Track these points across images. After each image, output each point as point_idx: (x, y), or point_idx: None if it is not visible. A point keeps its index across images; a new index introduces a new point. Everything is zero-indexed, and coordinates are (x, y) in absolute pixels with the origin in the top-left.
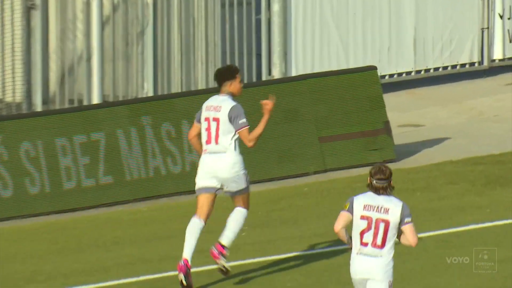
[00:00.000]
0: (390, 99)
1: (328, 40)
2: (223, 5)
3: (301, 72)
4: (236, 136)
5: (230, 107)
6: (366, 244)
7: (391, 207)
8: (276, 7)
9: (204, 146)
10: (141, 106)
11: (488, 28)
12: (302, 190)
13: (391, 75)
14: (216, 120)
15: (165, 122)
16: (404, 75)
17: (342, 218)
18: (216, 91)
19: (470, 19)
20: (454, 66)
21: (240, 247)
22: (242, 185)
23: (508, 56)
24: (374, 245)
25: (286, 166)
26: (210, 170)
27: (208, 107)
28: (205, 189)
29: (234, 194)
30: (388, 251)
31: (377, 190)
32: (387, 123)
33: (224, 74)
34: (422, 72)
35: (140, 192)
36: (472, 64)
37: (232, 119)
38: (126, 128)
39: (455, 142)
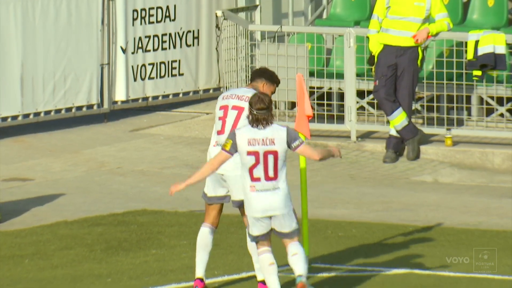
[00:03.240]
0: None
1: None
2: None
3: None
4: None
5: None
6: (258, 179)
7: (276, 136)
8: None
9: (215, 138)
10: None
11: (109, 64)
12: None
13: None
14: (237, 108)
15: None
16: (9, 119)
17: (219, 159)
18: None
19: (87, 53)
20: (68, 110)
21: None
22: None
23: (132, 97)
24: (267, 178)
25: None
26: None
27: (228, 96)
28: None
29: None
30: (283, 181)
31: (258, 121)
32: None
33: (270, 75)
34: (31, 117)
35: None
36: (90, 106)
37: None
38: None
39: (70, 199)
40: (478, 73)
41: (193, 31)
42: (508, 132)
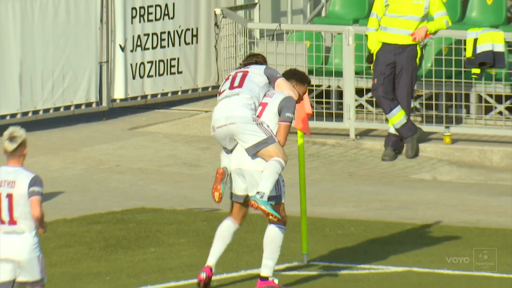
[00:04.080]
0: None
1: None
2: None
3: None
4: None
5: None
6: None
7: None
8: None
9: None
10: None
11: (107, 62)
12: None
13: None
14: (261, 104)
15: None
16: (8, 118)
17: None
18: None
19: (86, 51)
20: (67, 108)
21: None
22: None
23: (131, 95)
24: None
25: None
26: None
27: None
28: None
29: None
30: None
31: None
32: None
33: (301, 76)
34: (30, 115)
35: None
36: (89, 105)
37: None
38: None
39: (69, 197)
40: (477, 71)
41: (192, 29)
42: (506, 130)
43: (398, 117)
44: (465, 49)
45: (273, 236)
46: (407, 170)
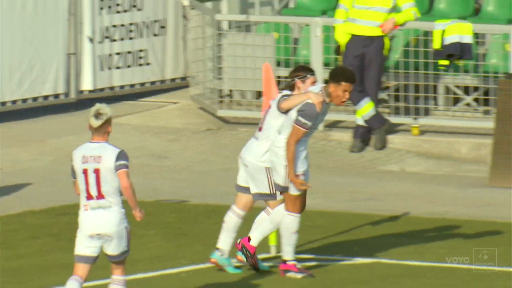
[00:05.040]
0: None
1: None
2: None
3: None
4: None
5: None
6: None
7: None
8: None
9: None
10: None
11: (75, 53)
12: None
13: None
14: None
15: None
16: None
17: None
18: None
19: (54, 42)
20: (35, 99)
21: None
22: None
23: (99, 86)
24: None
25: None
26: None
27: None
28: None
29: None
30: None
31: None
32: None
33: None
34: None
35: None
36: (57, 96)
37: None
38: None
39: (37, 188)
40: (445, 62)
41: (160, 20)
42: (474, 122)
43: (366, 108)
44: (433, 41)
45: (285, 224)
46: (375, 162)
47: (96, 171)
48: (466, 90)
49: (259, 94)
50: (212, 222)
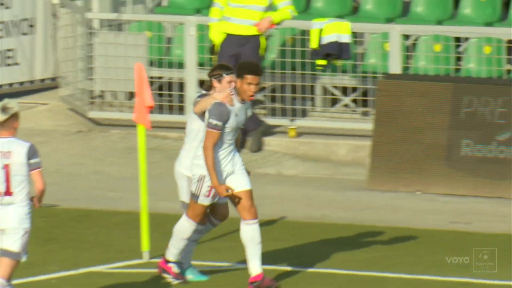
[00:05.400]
0: None
1: None
2: None
3: None
4: None
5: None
6: None
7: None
8: None
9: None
10: None
11: None
12: None
13: None
14: None
15: None
16: None
17: None
18: None
19: None
20: None
21: None
22: None
23: None
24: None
25: None
26: None
27: None
28: None
29: None
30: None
31: None
32: None
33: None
34: None
35: None
36: None
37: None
38: None
39: None
40: (323, 62)
41: (29, 19)
42: (353, 123)
43: None
44: (310, 40)
45: (180, 228)
46: (251, 164)
47: (6, 167)
48: (344, 90)
49: (131, 95)
50: (83, 226)
